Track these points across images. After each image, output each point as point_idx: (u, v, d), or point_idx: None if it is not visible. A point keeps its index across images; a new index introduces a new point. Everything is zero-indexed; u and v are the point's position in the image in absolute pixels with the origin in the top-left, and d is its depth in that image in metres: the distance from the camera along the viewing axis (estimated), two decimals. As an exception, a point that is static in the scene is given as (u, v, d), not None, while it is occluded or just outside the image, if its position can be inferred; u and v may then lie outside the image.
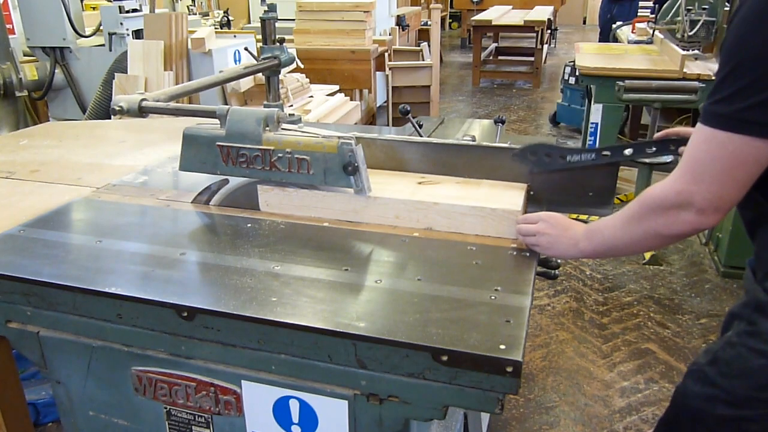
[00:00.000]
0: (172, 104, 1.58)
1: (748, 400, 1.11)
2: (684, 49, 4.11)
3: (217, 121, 1.52)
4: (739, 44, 0.99)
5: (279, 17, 2.34)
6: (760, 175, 1.03)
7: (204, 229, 1.50)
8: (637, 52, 4.77)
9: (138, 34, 3.76)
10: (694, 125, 4.63)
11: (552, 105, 7.35)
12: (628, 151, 1.39)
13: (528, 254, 1.34)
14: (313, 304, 1.14)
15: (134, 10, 3.81)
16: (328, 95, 4.17)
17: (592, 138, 4.32)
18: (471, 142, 1.56)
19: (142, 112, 1.58)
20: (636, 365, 2.68)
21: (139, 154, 2.04)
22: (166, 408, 1.27)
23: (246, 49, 2.31)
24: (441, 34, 8.03)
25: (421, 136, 1.71)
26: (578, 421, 2.35)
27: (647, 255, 3.53)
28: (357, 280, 1.23)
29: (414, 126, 1.72)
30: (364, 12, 5.12)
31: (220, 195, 1.59)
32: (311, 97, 4.01)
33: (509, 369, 0.99)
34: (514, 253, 1.35)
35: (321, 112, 3.75)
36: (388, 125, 5.77)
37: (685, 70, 3.88)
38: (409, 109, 1.70)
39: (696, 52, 4.35)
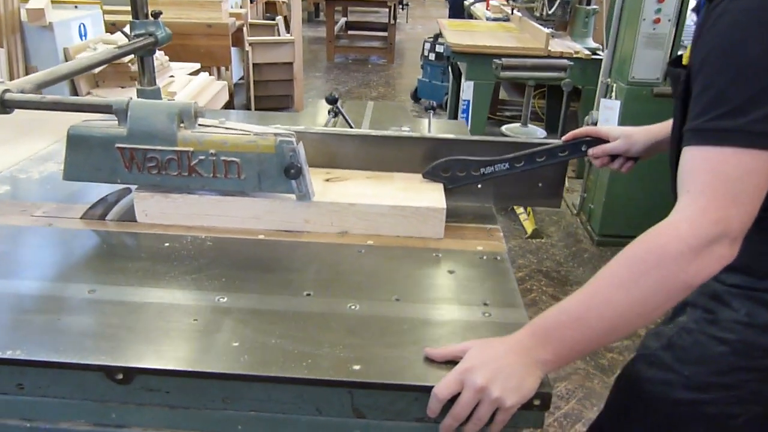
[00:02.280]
0: (50, 97, 1.24)
1: (707, 385, 1.11)
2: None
3: (108, 116, 1.23)
4: (735, 52, 0.90)
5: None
6: None
7: (109, 254, 1.21)
8: (499, 30, 4.87)
9: (-51, 2, 3.10)
10: (547, 99, 4.73)
11: (408, 80, 7.37)
12: (540, 158, 1.35)
13: (498, 257, 1.23)
14: (286, 346, 0.93)
15: (-59, -27, 3.13)
16: (190, 74, 3.78)
17: (465, 115, 4.36)
18: (414, 134, 1.40)
19: (5, 107, 1.23)
20: (540, 342, 2.72)
21: (-11, 157, 1.64)
22: (89, 490, 1.00)
23: (116, 26, 1.94)
24: (284, 7, 7.68)
25: (351, 127, 1.52)
26: (498, 407, 2.33)
27: (529, 229, 3.63)
28: (327, 307, 1.03)
29: (344, 117, 1.52)
30: (220, -18, 4.70)
31: (120, 207, 1.30)
32: (172, 77, 3.61)
33: (536, 402, 0.88)
34: (484, 257, 1.23)
35: (187, 94, 3.38)
36: (250, 108, 5.41)
37: (549, 48, 4.03)
38: (337, 96, 1.50)
39: (551, 30, 4.54)
